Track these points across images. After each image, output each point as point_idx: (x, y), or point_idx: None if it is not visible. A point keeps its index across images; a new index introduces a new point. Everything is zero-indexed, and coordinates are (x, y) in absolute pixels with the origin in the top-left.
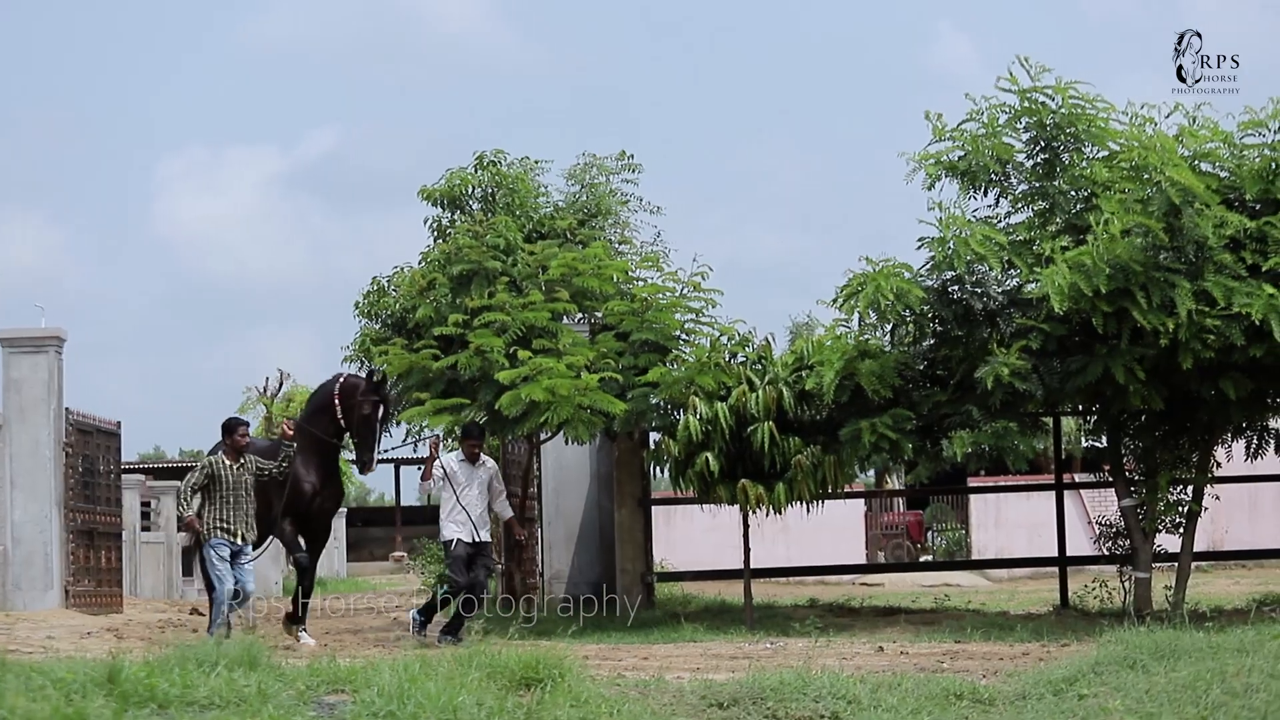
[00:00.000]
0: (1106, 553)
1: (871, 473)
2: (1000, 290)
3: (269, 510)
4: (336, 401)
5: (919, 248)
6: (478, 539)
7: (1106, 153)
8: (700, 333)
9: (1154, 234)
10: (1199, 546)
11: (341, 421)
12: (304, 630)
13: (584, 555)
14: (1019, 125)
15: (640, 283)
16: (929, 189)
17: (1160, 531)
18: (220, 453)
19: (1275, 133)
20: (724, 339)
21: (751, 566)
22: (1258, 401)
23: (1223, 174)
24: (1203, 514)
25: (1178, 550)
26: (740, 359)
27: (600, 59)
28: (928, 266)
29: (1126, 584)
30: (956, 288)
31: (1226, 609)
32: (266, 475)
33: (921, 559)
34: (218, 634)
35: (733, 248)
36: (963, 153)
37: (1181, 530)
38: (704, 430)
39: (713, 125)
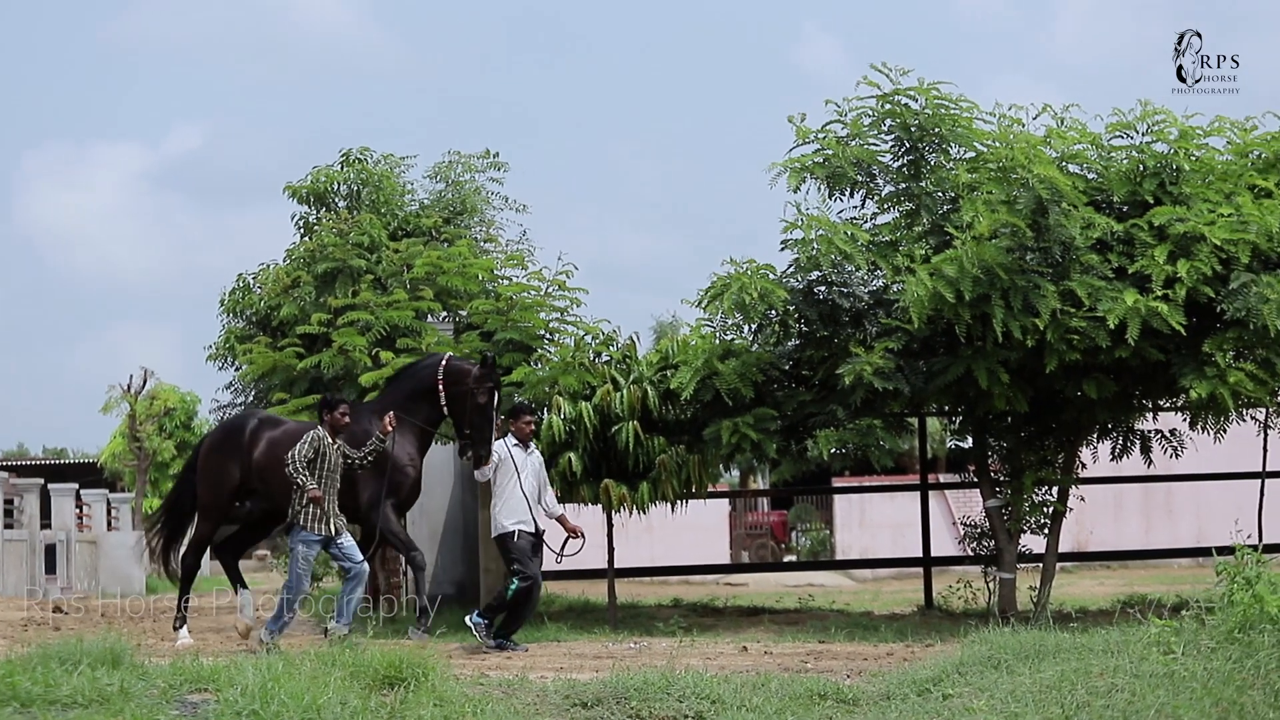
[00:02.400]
0: (971, 553)
1: (736, 472)
2: (866, 291)
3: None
4: (441, 387)
5: (783, 249)
6: (538, 529)
7: (974, 154)
8: (565, 332)
9: (1020, 234)
10: (1064, 547)
11: (445, 409)
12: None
13: (447, 554)
14: (883, 127)
15: (505, 281)
16: (794, 191)
17: (1025, 532)
18: (320, 429)
19: (1143, 135)
20: (588, 338)
21: (615, 566)
22: (1123, 402)
23: (1090, 176)
24: (1067, 515)
25: (1043, 551)
26: (605, 358)
27: (466, 57)
28: (793, 267)
29: (991, 584)
30: (823, 288)
31: (1091, 610)
32: (354, 464)
33: (785, 559)
34: (274, 639)
35: (599, 246)
36: (827, 155)
37: (1046, 531)
38: (568, 430)
39: (579, 123)
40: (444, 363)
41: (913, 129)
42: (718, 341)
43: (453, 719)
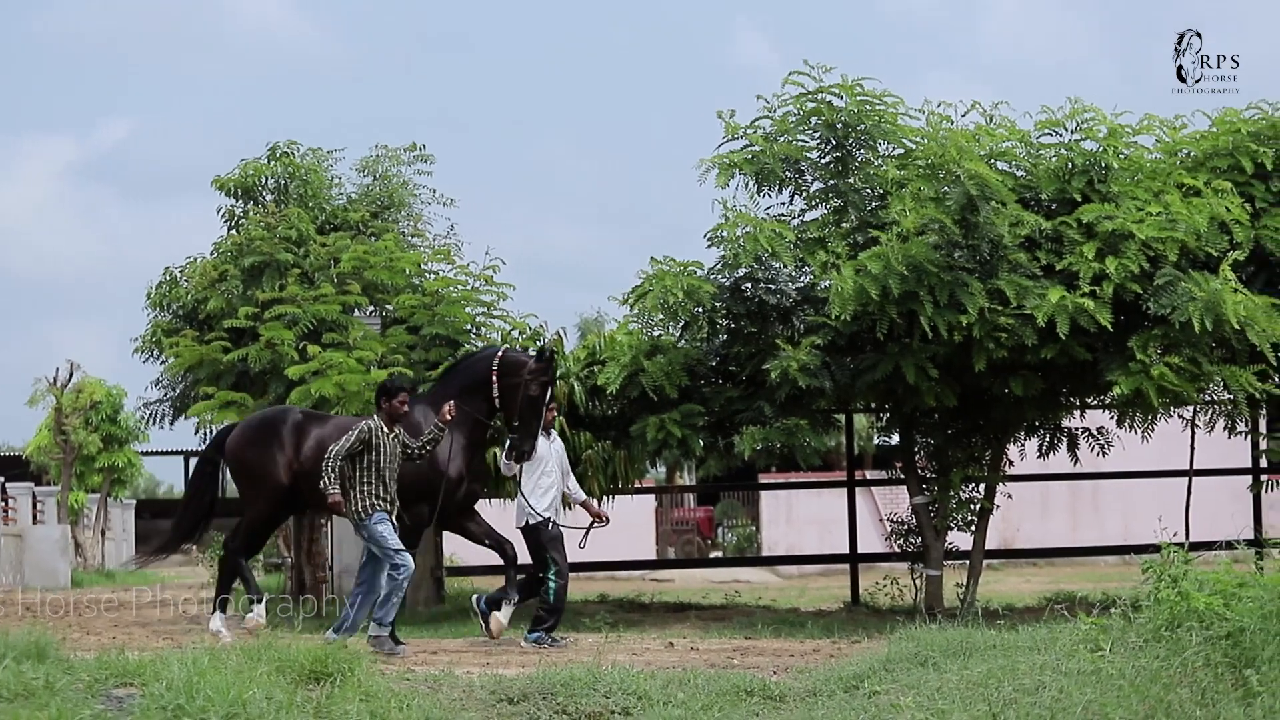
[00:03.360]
0: (898, 550)
1: (663, 468)
2: (794, 287)
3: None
4: (494, 379)
5: (710, 246)
6: (563, 519)
7: (903, 150)
8: (492, 327)
9: (948, 231)
10: (991, 544)
11: (496, 401)
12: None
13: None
14: (809, 124)
15: (432, 276)
16: (722, 187)
17: (952, 529)
18: (376, 418)
19: (1072, 133)
20: (515, 333)
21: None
22: (1050, 400)
23: (1019, 174)
24: (995, 512)
25: (969, 548)
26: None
27: (395, 50)
28: (720, 264)
29: (918, 581)
30: (750, 285)
31: (1018, 606)
32: (412, 454)
33: (712, 555)
34: (385, 625)
35: (527, 241)
36: (755, 152)
37: (973, 528)
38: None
39: (508, 118)
40: (499, 355)
41: (838, 126)
42: (645, 338)
43: (379, 714)
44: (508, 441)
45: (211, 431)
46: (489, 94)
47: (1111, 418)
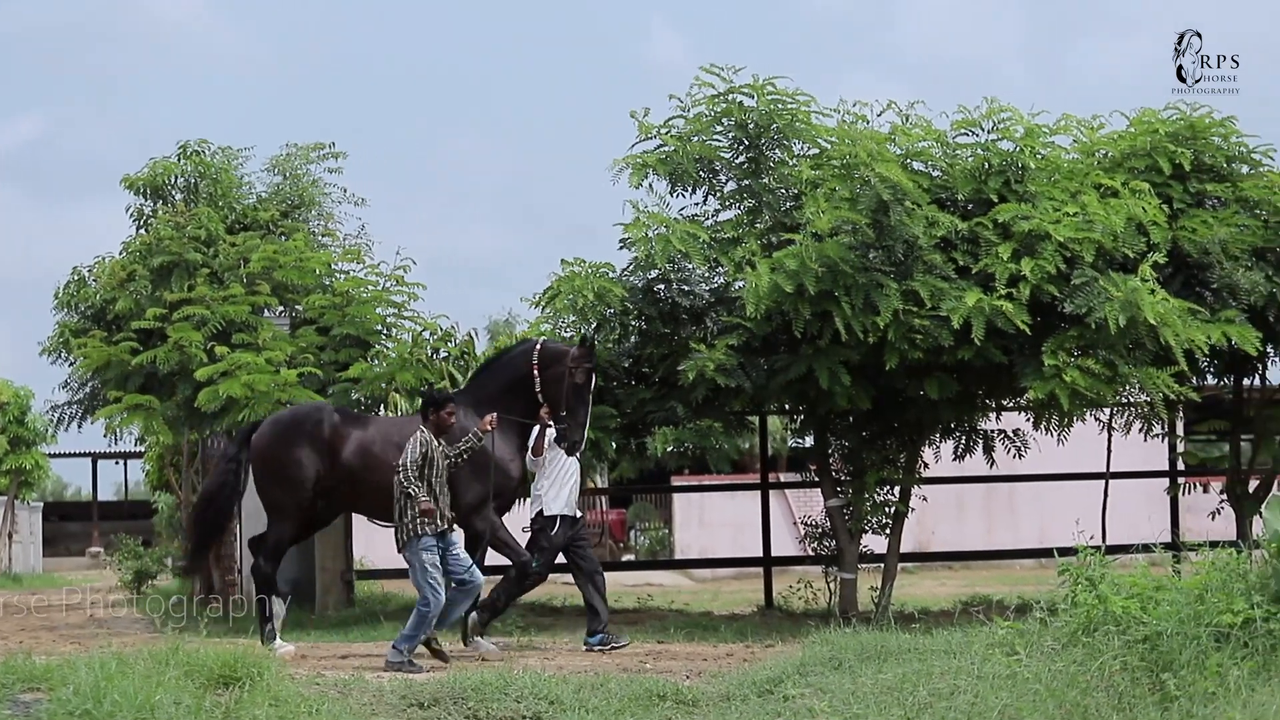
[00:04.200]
0: (812, 553)
1: None
2: (707, 288)
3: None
4: (535, 372)
5: (621, 247)
6: (578, 516)
7: (818, 150)
8: (403, 328)
9: (862, 232)
10: (906, 547)
11: (540, 395)
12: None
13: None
14: (723, 124)
15: (342, 276)
16: (636, 188)
17: (866, 532)
18: (424, 430)
19: (988, 133)
20: (427, 334)
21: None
22: (966, 402)
23: (935, 174)
24: (909, 515)
25: (884, 551)
26: (443, 355)
27: (306, 48)
28: (632, 265)
29: (832, 585)
30: (662, 286)
31: (933, 610)
32: (451, 462)
33: (624, 558)
34: (406, 650)
35: (439, 242)
36: (669, 152)
37: (888, 531)
38: None
39: (420, 117)
40: (538, 347)
41: (750, 126)
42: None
43: (288, 719)
44: (555, 433)
45: (121, 434)
46: (400, 91)
47: (1027, 420)
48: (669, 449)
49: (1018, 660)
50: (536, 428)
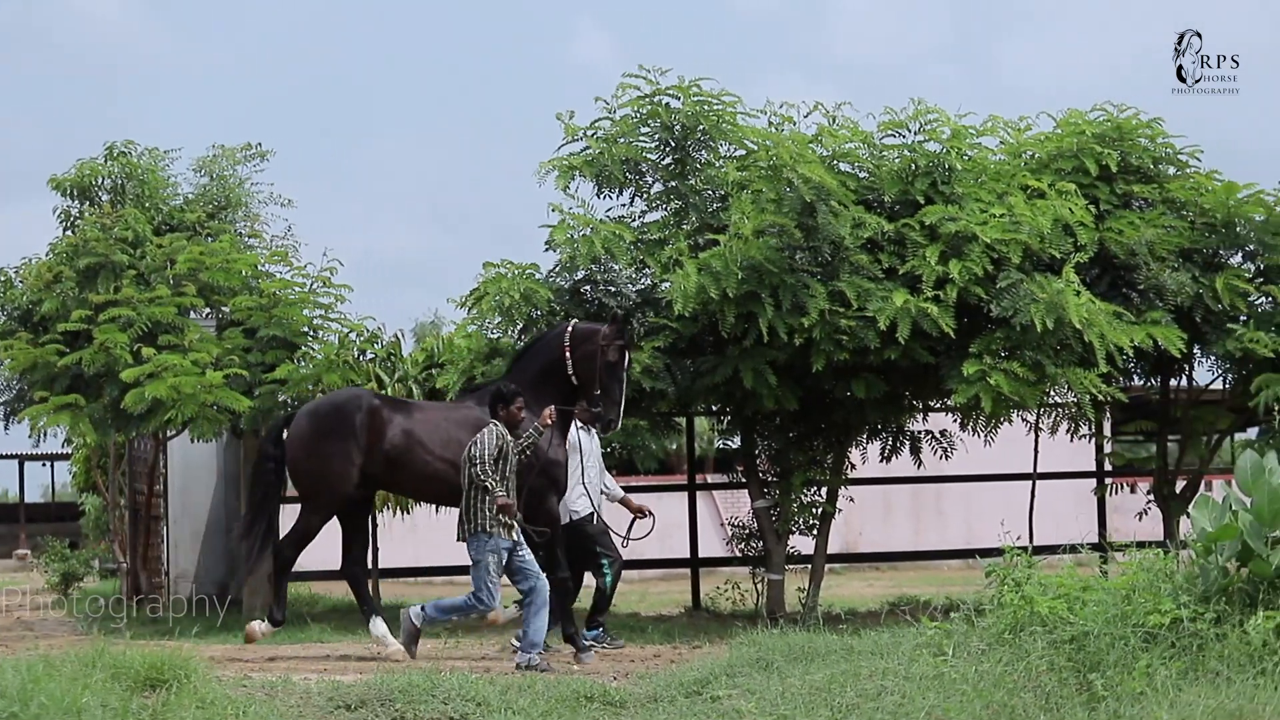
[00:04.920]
0: (739, 554)
1: None
2: (634, 289)
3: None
4: (568, 354)
5: (547, 249)
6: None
7: (744, 151)
8: (329, 329)
9: (788, 233)
10: (833, 548)
11: (574, 378)
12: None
13: (210, 554)
14: (649, 126)
15: (269, 277)
16: (562, 190)
17: (794, 533)
18: (497, 425)
19: (915, 134)
20: (353, 336)
21: (380, 566)
22: (893, 403)
23: (862, 175)
24: (837, 515)
25: (811, 552)
26: (370, 356)
27: (233, 49)
28: (559, 267)
29: (760, 586)
30: (589, 287)
31: (860, 611)
32: (521, 457)
33: None
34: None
35: (366, 243)
36: (595, 154)
37: (815, 532)
38: None
39: (348, 117)
40: (569, 329)
41: (676, 128)
42: (484, 341)
43: None
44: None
45: (47, 435)
46: (327, 92)
47: (955, 421)
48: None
49: (945, 661)
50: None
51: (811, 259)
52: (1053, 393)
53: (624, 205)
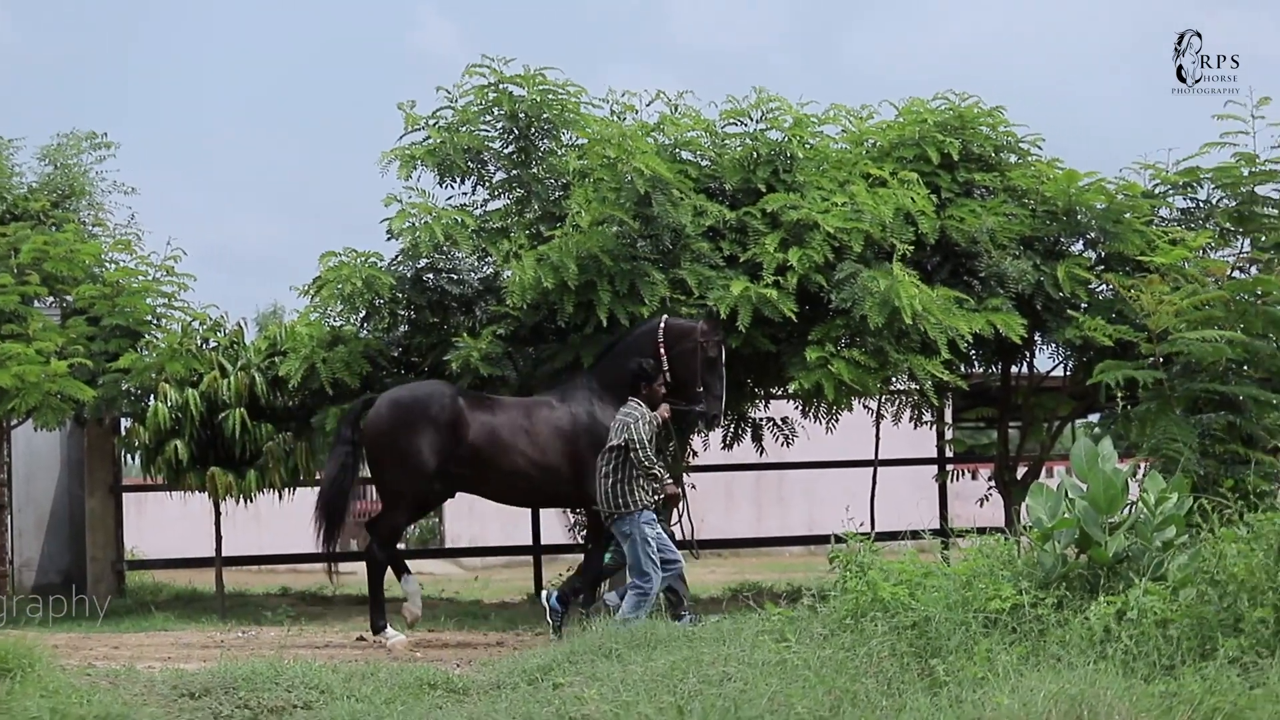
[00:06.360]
0: (582, 541)
1: None
2: (476, 277)
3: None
4: (663, 350)
5: (390, 238)
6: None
7: (586, 140)
8: (173, 318)
9: (626, 224)
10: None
11: (667, 374)
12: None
13: (54, 543)
14: (493, 114)
15: (113, 266)
16: (405, 179)
17: None
18: (639, 404)
19: (757, 122)
20: (196, 324)
21: (224, 554)
22: (734, 390)
23: (704, 163)
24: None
25: None
26: (213, 345)
27: (76, 36)
28: (401, 255)
29: None
30: (431, 275)
31: (703, 598)
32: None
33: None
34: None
35: (212, 232)
36: (437, 143)
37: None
38: (174, 417)
39: (191, 105)
40: (662, 325)
41: (520, 117)
42: (326, 329)
43: (60, 710)
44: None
45: None
46: (171, 80)
47: (797, 408)
48: None
49: (787, 647)
50: None
51: (652, 247)
52: (895, 380)
53: (466, 194)
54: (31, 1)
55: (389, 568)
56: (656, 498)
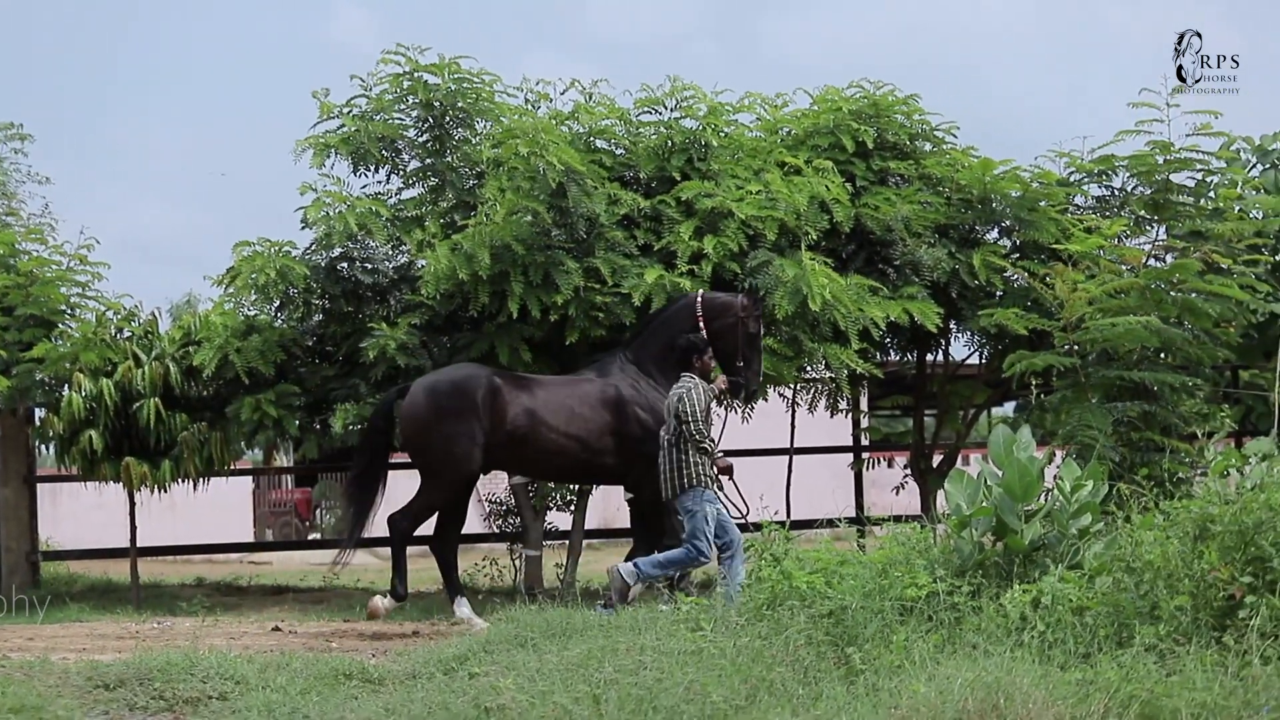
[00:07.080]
0: (497, 530)
1: (260, 450)
2: (391, 266)
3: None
4: (703, 326)
5: (304, 227)
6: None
7: (501, 129)
8: (86, 307)
9: (540, 215)
10: (591, 524)
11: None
12: None
13: None
14: (407, 103)
15: (26, 256)
16: (319, 168)
17: (551, 509)
18: (693, 378)
19: (671, 110)
20: (110, 314)
21: (138, 545)
22: None
23: (619, 152)
24: (594, 492)
25: (569, 527)
26: (127, 334)
27: None
28: (315, 244)
29: (517, 562)
30: (345, 264)
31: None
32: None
33: (310, 537)
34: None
35: (126, 222)
36: (351, 132)
37: (572, 507)
38: (89, 407)
39: (103, 94)
40: (699, 300)
41: (435, 105)
42: (240, 319)
43: None
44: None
45: None
46: (85, 69)
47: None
48: (350, 426)
49: (703, 635)
50: None
51: (567, 236)
52: (810, 368)
53: (380, 183)
54: None
55: (394, 543)
56: (716, 473)
